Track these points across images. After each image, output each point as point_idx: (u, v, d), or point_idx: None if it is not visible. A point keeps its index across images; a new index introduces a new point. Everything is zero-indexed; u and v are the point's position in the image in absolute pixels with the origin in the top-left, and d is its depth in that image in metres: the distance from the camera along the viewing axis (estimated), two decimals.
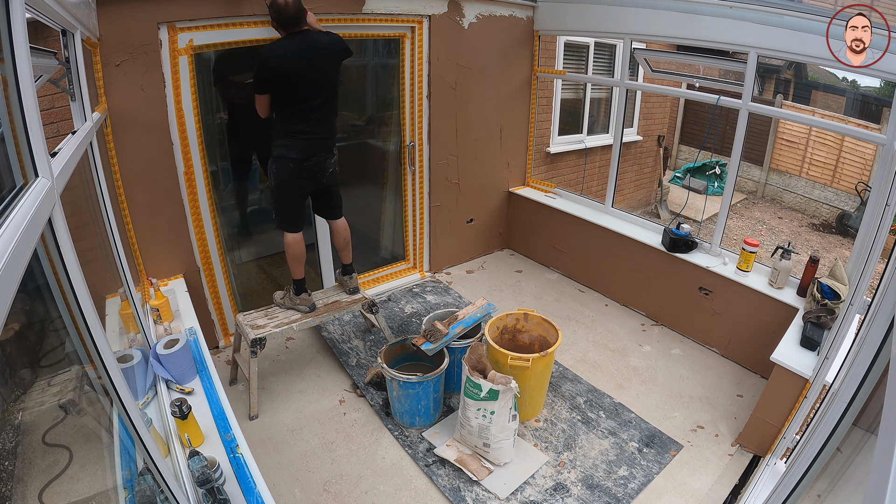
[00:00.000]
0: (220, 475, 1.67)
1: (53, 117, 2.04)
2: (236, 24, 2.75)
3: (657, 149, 7.05)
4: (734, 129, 3.13)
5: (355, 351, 3.29)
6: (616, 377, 3.15)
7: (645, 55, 3.86)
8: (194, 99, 2.76)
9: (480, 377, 2.30)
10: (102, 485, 1.43)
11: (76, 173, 1.53)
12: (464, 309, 2.89)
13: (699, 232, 3.86)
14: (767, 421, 2.52)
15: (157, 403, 2.04)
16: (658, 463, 2.52)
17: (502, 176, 4.50)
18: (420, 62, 3.60)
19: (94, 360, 1.18)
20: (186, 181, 2.89)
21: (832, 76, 8.11)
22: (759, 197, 8.73)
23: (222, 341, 3.34)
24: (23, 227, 0.78)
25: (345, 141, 4.23)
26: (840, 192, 7.85)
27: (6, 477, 1.13)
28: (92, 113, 2.04)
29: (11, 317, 0.69)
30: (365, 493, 2.36)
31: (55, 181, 1.05)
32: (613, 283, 4.01)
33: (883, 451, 0.62)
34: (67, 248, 1.05)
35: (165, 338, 2.17)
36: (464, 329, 2.75)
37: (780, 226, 7.74)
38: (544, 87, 4.73)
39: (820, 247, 7.05)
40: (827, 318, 2.51)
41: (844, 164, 7.74)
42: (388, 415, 2.78)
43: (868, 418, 1.09)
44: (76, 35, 1.85)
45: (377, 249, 4.38)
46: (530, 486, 2.37)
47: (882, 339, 0.96)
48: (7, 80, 0.93)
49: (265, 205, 4.11)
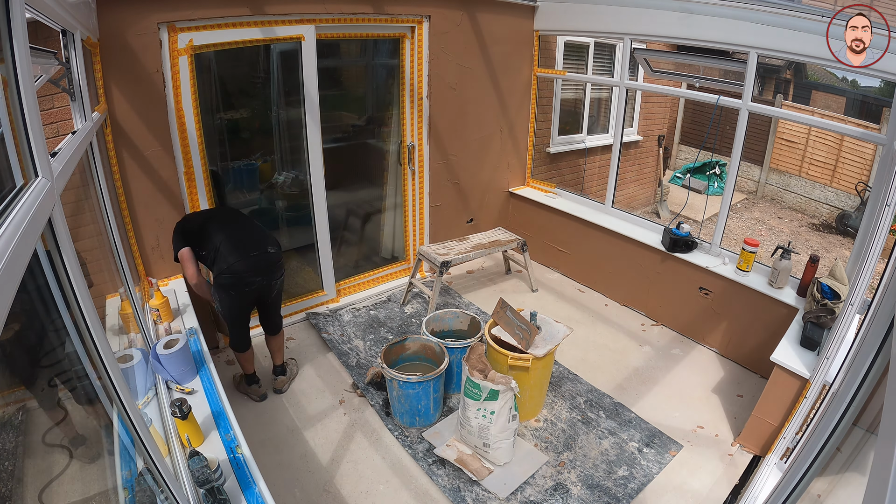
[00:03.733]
0: (220, 475, 1.67)
1: (53, 117, 2.04)
2: (236, 25, 2.75)
3: (657, 149, 7.05)
4: (734, 129, 3.13)
5: (355, 351, 3.29)
6: (616, 377, 3.15)
7: (645, 55, 3.86)
8: (194, 99, 2.76)
9: (480, 377, 2.30)
10: (102, 485, 1.43)
11: (76, 173, 1.53)
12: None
13: (699, 232, 3.86)
14: (767, 421, 2.52)
15: (157, 403, 2.04)
16: (658, 463, 2.52)
17: (502, 176, 4.50)
18: (420, 62, 3.60)
19: (94, 360, 1.18)
20: (186, 181, 2.89)
21: (832, 76, 8.11)
22: (758, 197, 8.73)
23: (222, 341, 3.33)
24: (23, 227, 0.78)
25: (345, 141, 4.24)
26: (840, 192, 7.84)
27: (6, 477, 1.13)
28: (92, 113, 2.04)
29: (11, 317, 0.69)
30: (365, 493, 2.35)
31: (55, 181, 1.05)
32: (613, 283, 4.01)
33: (883, 451, 0.62)
34: (67, 248, 1.05)
35: (165, 338, 2.17)
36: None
37: (780, 226, 7.73)
38: (544, 87, 4.73)
39: (820, 247, 7.04)
40: (827, 318, 2.51)
41: (844, 164, 7.74)
42: (388, 415, 2.78)
43: (868, 418, 1.09)
44: (76, 35, 1.85)
45: (377, 249, 4.38)
46: (530, 486, 2.37)
47: (882, 339, 0.96)
48: (7, 80, 0.92)
49: (265, 205, 4.12)
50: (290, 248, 4.28)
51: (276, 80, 3.58)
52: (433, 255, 3.57)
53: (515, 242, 3.91)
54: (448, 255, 3.57)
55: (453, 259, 3.54)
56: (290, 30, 2.96)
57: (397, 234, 4.24)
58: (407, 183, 3.97)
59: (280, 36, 2.95)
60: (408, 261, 4.26)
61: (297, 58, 3.08)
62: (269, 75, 3.59)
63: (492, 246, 3.80)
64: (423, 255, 3.67)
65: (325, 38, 3.15)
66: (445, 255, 3.59)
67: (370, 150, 4.20)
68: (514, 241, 3.91)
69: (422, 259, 3.73)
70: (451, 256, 3.56)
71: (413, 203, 4.05)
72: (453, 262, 3.54)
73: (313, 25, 3.02)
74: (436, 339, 2.78)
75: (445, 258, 3.52)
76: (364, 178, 4.40)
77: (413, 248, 4.21)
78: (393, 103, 3.83)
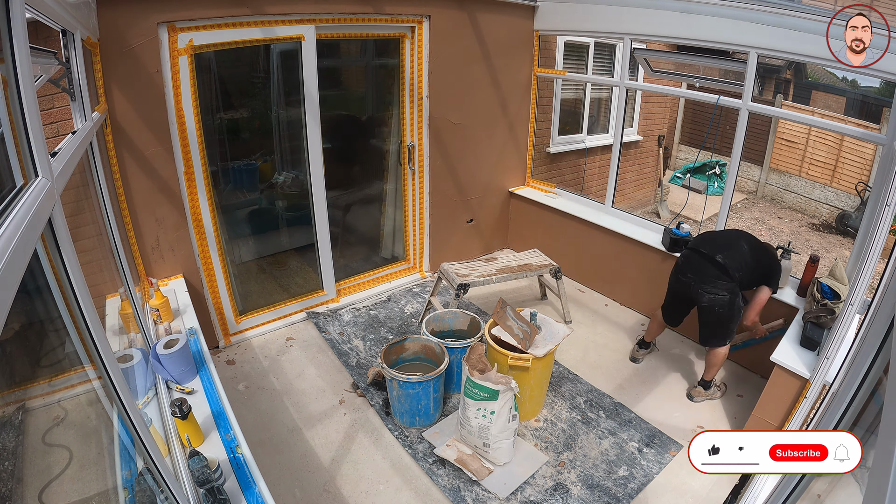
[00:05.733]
0: (220, 475, 1.67)
1: (53, 117, 2.04)
2: (236, 24, 2.75)
3: (657, 149, 7.05)
4: (734, 129, 3.13)
5: (355, 351, 3.29)
6: (616, 377, 3.15)
7: (645, 55, 3.85)
8: (194, 99, 2.76)
9: (480, 377, 2.30)
10: (102, 485, 1.43)
11: (76, 173, 1.53)
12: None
13: (699, 232, 3.85)
14: (767, 421, 2.52)
15: (157, 403, 2.04)
16: (658, 463, 2.52)
17: (502, 176, 4.50)
18: (420, 62, 3.60)
19: (94, 360, 1.18)
20: (186, 181, 2.88)
21: (832, 76, 8.12)
22: (758, 197, 8.73)
23: (222, 341, 3.34)
24: (23, 227, 0.78)
25: (345, 141, 4.23)
26: (840, 192, 7.84)
27: (6, 477, 1.13)
28: (92, 113, 2.04)
29: (11, 317, 0.69)
30: (365, 493, 2.35)
31: (55, 181, 1.05)
32: (613, 283, 4.01)
33: (883, 451, 0.62)
34: (67, 248, 1.05)
35: (165, 338, 2.17)
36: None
37: (780, 226, 7.73)
38: (544, 87, 4.73)
39: (820, 247, 7.04)
40: (827, 318, 2.51)
41: (844, 164, 7.74)
42: (388, 415, 2.78)
43: (868, 418, 1.09)
44: (76, 35, 1.84)
45: (377, 249, 4.38)
46: (530, 486, 2.37)
47: (882, 339, 0.96)
48: (7, 80, 0.92)
49: (265, 205, 4.12)
50: (290, 248, 4.29)
51: (276, 80, 3.58)
52: (452, 276, 3.32)
53: (549, 268, 3.56)
54: (468, 278, 3.29)
55: (472, 282, 3.26)
56: (290, 30, 2.96)
57: (397, 234, 4.24)
58: (407, 183, 3.97)
59: (280, 36, 2.95)
60: (408, 260, 4.26)
61: (297, 58, 3.08)
62: (269, 75, 3.59)
63: (521, 270, 3.48)
64: (444, 274, 3.42)
65: (325, 38, 3.15)
66: (466, 276, 3.31)
67: (370, 149, 4.20)
68: (548, 266, 3.56)
69: (441, 277, 3.47)
70: (472, 279, 3.27)
71: (413, 203, 4.05)
72: (472, 284, 3.27)
73: (313, 25, 3.02)
74: (436, 339, 2.78)
75: (465, 280, 3.25)
76: (364, 178, 4.40)
77: (413, 247, 4.21)
78: (393, 103, 3.83)
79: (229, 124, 3.77)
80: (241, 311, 3.48)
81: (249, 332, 3.47)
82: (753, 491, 2.17)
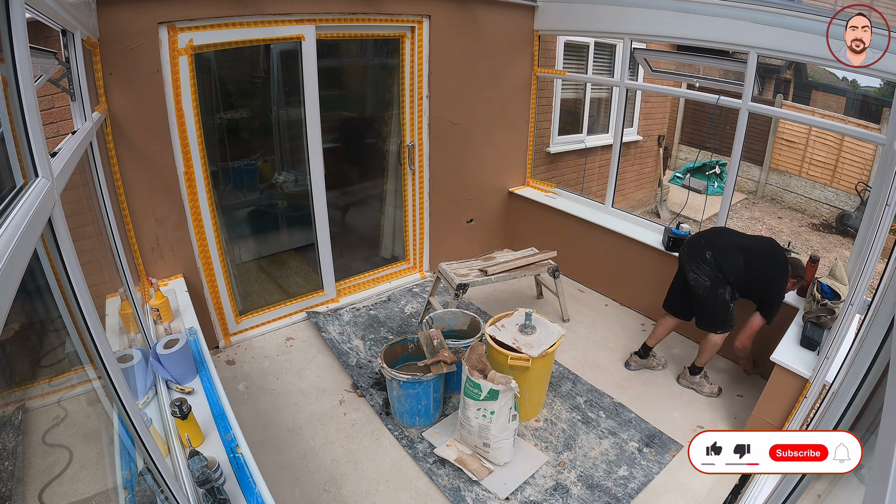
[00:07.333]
0: (220, 475, 1.67)
1: (53, 117, 2.04)
2: (236, 24, 2.75)
3: (657, 149, 7.05)
4: (734, 129, 3.13)
5: (355, 351, 3.29)
6: (616, 377, 3.15)
7: (645, 55, 3.85)
8: (194, 99, 2.76)
9: (480, 377, 2.30)
10: (102, 485, 1.43)
11: (76, 173, 1.53)
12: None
13: (698, 231, 3.85)
14: (767, 421, 2.52)
15: (157, 403, 2.04)
16: (658, 463, 2.52)
17: (502, 176, 4.50)
18: (420, 62, 3.60)
19: (94, 360, 1.18)
20: (186, 181, 2.88)
21: (832, 76, 8.12)
22: (758, 197, 8.73)
23: (222, 341, 3.34)
24: (23, 227, 0.78)
25: (345, 141, 4.23)
26: (840, 192, 7.85)
27: (6, 477, 1.13)
28: (92, 113, 2.04)
29: (11, 317, 0.69)
30: (365, 493, 2.35)
31: (55, 181, 1.05)
32: (613, 283, 4.01)
33: (883, 451, 0.62)
34: (67, 248, 1.05)
35: (165, 338, 2.17)
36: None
37: (780, 225, 7.74)
38: (544, 87, 4.73)
39: (820, 247, 7.05)
40: (827, 318, 2.51)
41: (844, 164, 7.74)
42: (388, 415, 2.78)
43: (868, 418, 1.09)
44: (76, 35, 1.85)
45: (377, 249, 4.38)
46: (530, 486, 2.37)
47: (882, 339, 0.96)
48: (7, 80, 0.93)
49: (265, 205, 4.12)
50: (290, 248, 4.28)
51: (276, 80, 3.58)
52: (451, 276, 3.29)
53: (547, 267, 3.52)
54: (467, 278, 3.26)
55: (472, 282, 3.23)
56: (290, 30, 2.96)
57: (397, 234, 4.24)
58: (407, 183, 3.96)
59: (280, 36, 2.95)
60: (408, 260, 4.26)
61: (297, 58, 3.07)
62: (269, 75, 3.59)
63: (519, 269, 3.43)
64: (442, 274, 3.38)
65: (325, 38, 3.15)
66: (465, 276, 3.28)
67: (370, 149, 4.20)
68: (546, 265, 3.52)
69: (440, 277, 3.44)
70: (471, 279, 3.25)
71: (413, 203, 4.05)
72: (471, 284, 3.24)
73: (313, 25, 3.02)
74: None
75: (464, 280, 3.22)
76: (364, 178, 4.40)
77: (413, 247, 4.21)
78: (393, 103, 3.83)
79: (229, 124, 3.77)
80: (241, 311, 3.48)
81: (249, 332, 3.47)
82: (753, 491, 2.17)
